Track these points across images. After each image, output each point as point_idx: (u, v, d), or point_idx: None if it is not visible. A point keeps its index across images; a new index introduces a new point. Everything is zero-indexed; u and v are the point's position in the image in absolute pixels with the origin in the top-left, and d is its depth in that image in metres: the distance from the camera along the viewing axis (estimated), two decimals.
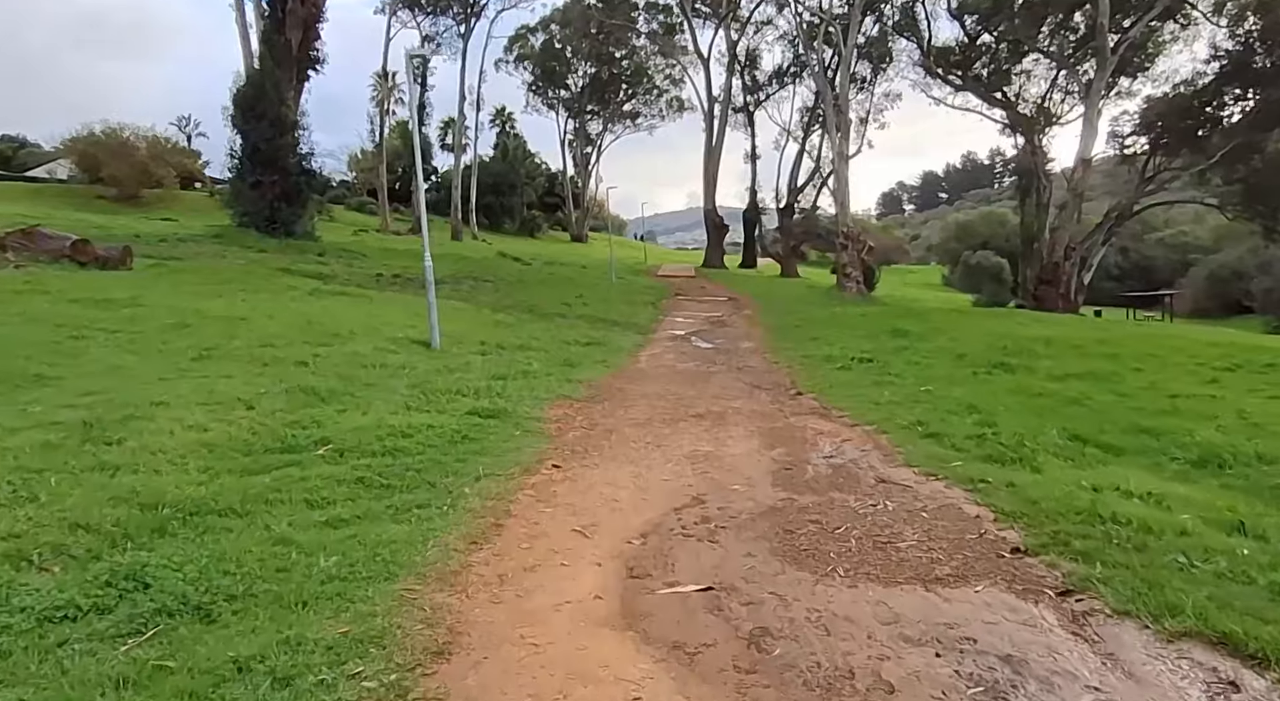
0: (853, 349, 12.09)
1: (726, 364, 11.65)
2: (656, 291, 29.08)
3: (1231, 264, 54.12)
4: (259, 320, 11.28)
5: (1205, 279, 55.67)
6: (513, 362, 10.29)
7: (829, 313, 20.58)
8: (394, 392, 7.78)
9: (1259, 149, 35.81)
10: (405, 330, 11.97)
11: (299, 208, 30.32)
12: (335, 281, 19.98)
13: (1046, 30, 40.02)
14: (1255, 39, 35.59)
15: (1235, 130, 35.77)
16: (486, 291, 22.44)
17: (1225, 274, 54.17)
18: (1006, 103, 42.18)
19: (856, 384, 9.00)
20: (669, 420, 7.31)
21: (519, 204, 70.23)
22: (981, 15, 40.85)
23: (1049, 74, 42.52)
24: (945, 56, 42.58)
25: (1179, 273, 63.36)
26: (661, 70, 64.33)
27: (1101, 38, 32.79)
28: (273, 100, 28.66)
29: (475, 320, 15.60)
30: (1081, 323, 18.81)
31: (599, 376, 10.16)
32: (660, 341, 15.69)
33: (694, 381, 9.88)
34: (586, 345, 13.80)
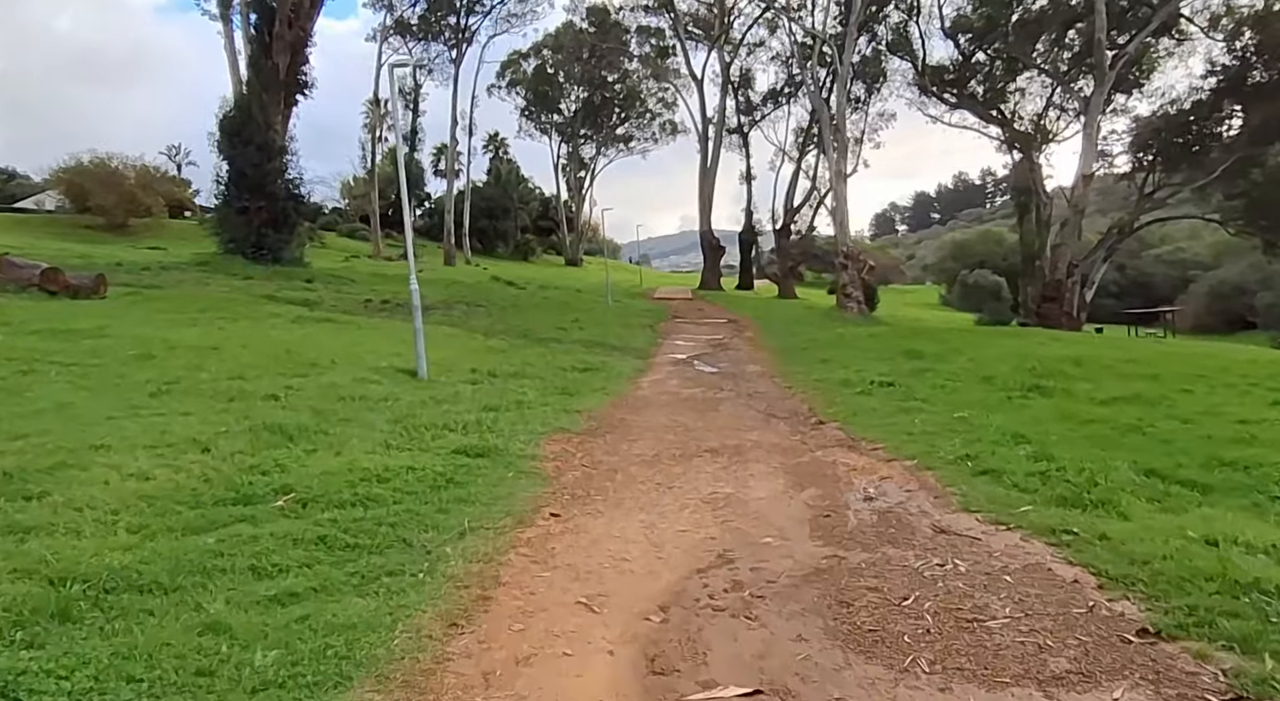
0: (869, 372, 11.32)
1: (735, 390, 10.87)
2: (654, 314, 28.37)
3: (1233, 280, 53.77)
4: (232, 350, 10.49)
5: (1206, 295, 55.27)
6: (505, 392, 9.50)
7: (834, 334, 19.85)
8: (372, 429, 6.98)
9: (1259, 163, 35.47)
10: (390, 358, 11.18)
11: (287, 233, 29.63)
12: (321, 308, 19.21)
13: (1041, 48, 39.89)
14: (1252, 53, 35.40)
15: (1235, 145, 35.44)
16: (479, 316, 21.69)
17: (1226, 290, 53.79)
18: (1003, 120, 41.93)
19: (881, 411, 8.23)
20: (680, 456, 6.52)
21: (513, 228, 69.81)
22: (975, 34, 40.74)
23: (1044, 92, 42.38)
24: (940, 75, 42.39)
25: (1178, 289, 63.02)
26: (654, 93, 64.31)
27: (1099, 53, 32.50)
28: (260, 125, 28.10)
29: (466, 347, 14.83)
30: (1102, 341, 18.11)
31: (599, 406, 9.38)
32: (661, 366, 14.92)
33: (702, 410, 9.09)
34: (584, 371, 13.03)
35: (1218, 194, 38.35)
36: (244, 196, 28.20)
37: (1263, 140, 34.83)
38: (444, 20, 52.28)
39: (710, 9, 47.19)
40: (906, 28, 41.81)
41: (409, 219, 10.80)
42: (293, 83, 29.58)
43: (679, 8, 47.09)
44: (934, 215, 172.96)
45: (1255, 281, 51.87)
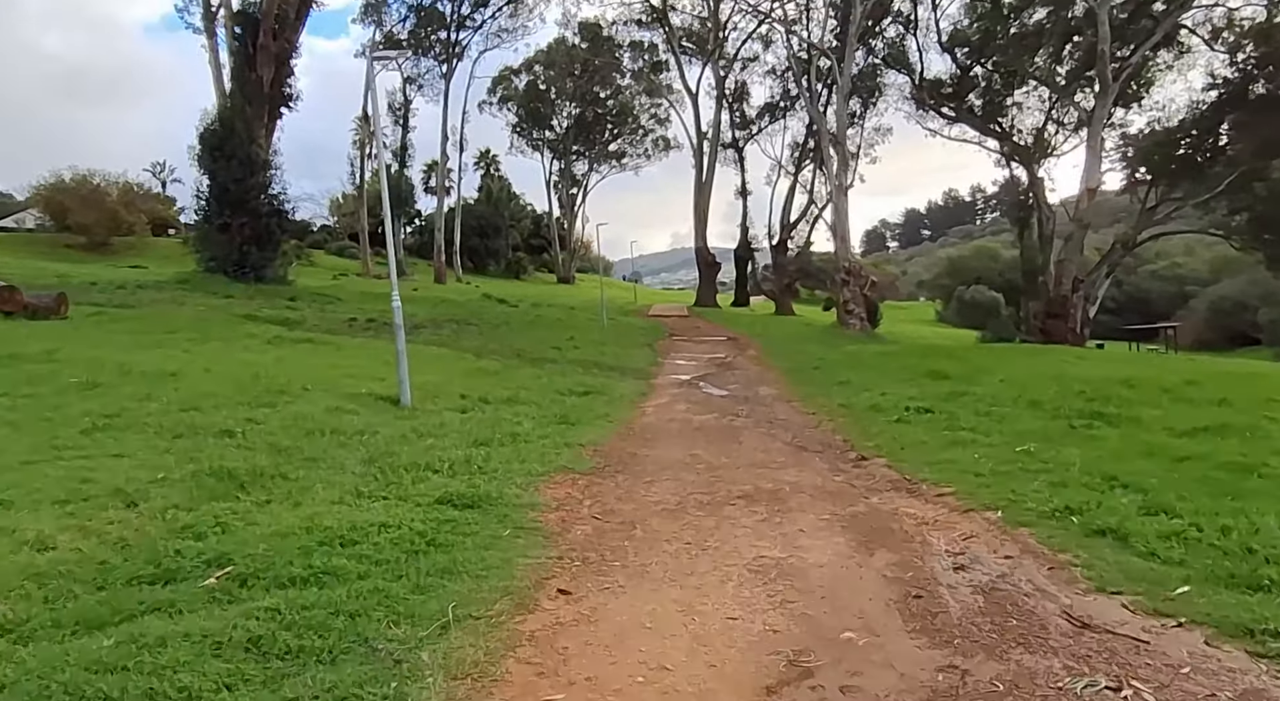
0: (896, 395, 10.32)
1: (753, 416, 9.84)
2: (651, 332, 27.38)
3: (1233, 295, 53.27)
4: (193, 375, 9.40)
5: (1207, 311, 54.73)
6: (498, 422, 8.43)
7: (843, 352, 18.87)
8: (342, 471, 5.92)
9: (1263, 177, 34.90)
10: (371, 383, 10.11)
11: (270, 251, 28.57)
12: (301, 327, 18.12)
13: (1040, 61, 39.39)
14: (1254, 66, 34.94)
15: (1239, 159, 34.87)
16: (470, 335, 20.63)
17: (1227, 306, 53.28)
18: (1003, 134, 41.35)
19: (930, 444, 7.20)
20: (708, 503, 5.47)
21: (504, 246, 68.90)
22: (972, 48, 40.25)
23: (1042, 106, 41.90)
24: (937, 88, 41.84)
25: (1176, 305, 62.56)
26: (647, 109, 63.78)
27: (1103, 64, 31.94)
28: (242, 139, 27.11)
29: (455, 368, 13.76)
30: (1139, 359, 17.18)
31: (604, 436, 8.32)
32: (665, 388, 13.88)
33: (721, 441, 8.05)
34: (583, 395, 11.98)
35: (1221, 208, 37.72)
36: (225, 213, 27.16)
37: (1266, 154, 34.26)
38: (434, 35, 51.61)
39: (704, 23, 46.65)
40: (904, 42, 41.34)
41: (390, 229, 9.77)
42: (277, 96, 28.65)
43: (673, 22, 46.54)
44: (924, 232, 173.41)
45: (1256, 297, 51.36)
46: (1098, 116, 33.69)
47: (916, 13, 38.98)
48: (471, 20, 51.60)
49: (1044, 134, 41.12)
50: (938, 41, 40.24)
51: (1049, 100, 40.68)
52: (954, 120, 42.03)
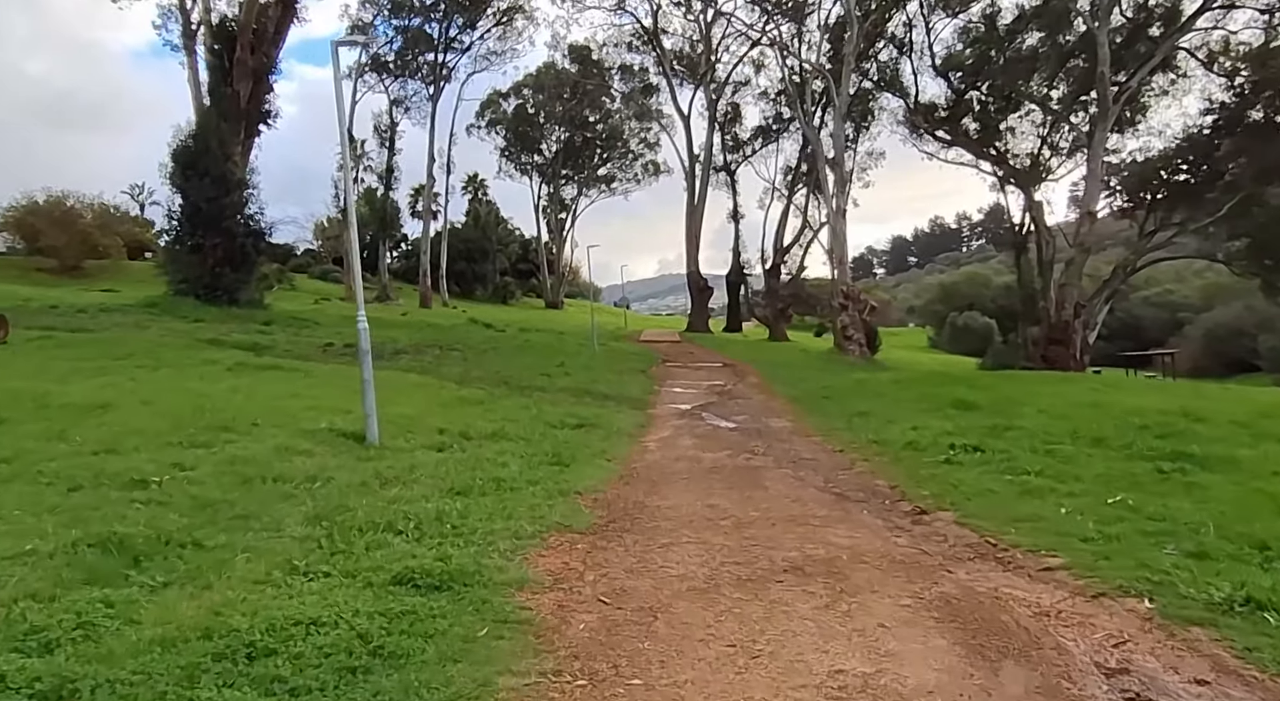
0: (931, 429, 9.15)
1: (771, 453, 8.64)
2: (644, 358, 26.18)
3: (1229, 322, 52.82)
4: (127, 408, 8.11)
5: (1203, 337, 54.22)
6: (480, 463, 7.18)
7: (851, 380, 17.73)
8: (278, 533, 4.66)
9: (1262, 202, 34.39)
10: (336, 417, 8.84)
11: (245, 273, 27.28)
12: (271, 353, 16.83)
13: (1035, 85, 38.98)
14: (1249, 90, 34.58)
15: (1239, 183, 34.33)
16: (453, 362, 19.38)
17: (1223, 332, 52.80)
18: (999, 157, 40.79)
19: (998, 492, 6.01)
20: (748, 579, 4.23)
21: (492, 270, 67.83)
22: (966, 72, 39.83)
23: (1036, 130, 41.49)
24: (931, 113, 41.34)
25: (1168, 331, 62.10)
26: (637, 133, 63.20)
27: (1103, 86, 31.45)
28: (217, 156, 25.93)
29: (435, 398, 12.49)
30: (1173, 388, 16.12)
31: (604, 480, 7.09)
32: (666, 419, 12.66)
33: (743, 486, 6.83)
34: (576, 428, 10.75)
35: (1221, 234, 37.18)
36: (198, 233, 25.91)
37: (1266, 179, 33.75)
38: (421, 57, 50.87)
39: (695, 46, 46.16)
40: (897, 65, 40.88)
41: (353, 245, 8.57)
42: (254, 112, 27.54)
43: (664, 45, 45.98)
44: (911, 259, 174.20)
45: (1252, 324, 50.92)
46: (1098, 139, 33.14)
47: (911, 36, 38.53)
48: (459, 42, 50.99)
49: (1040, 158, 40.65)
50: (931, 65, 39.79)
51: (1045, 124, 40.28)
52: (950, 143, 41.48)
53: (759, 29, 39.47)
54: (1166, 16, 33.68)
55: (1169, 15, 33.68)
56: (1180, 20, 32.74)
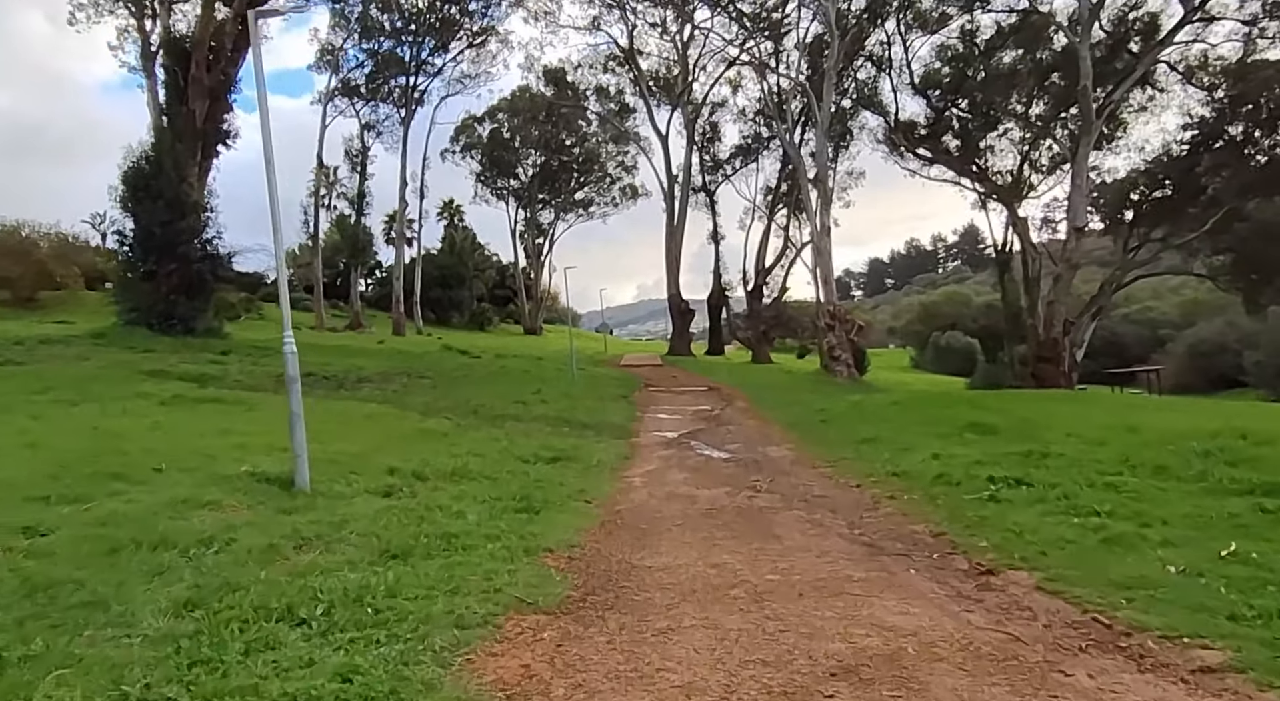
0: (955, 457, 8.00)
1: (777, 490, 7.42)
2: (625, 383, 24.94)
3: (1212, 338, 52.54)
4: (7, 451, 6.73)
5: (1186, 354, 53.88)
6: (430, 512, 5.90)
7: (846, 402, 16.59)
8: (126, 632, 3.35)
9: (1244, 216, 34.07)
10: (264, 457, 7.52)
11: (202, 301, 25.77)
12: (218, 384, 15.41)
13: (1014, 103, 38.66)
14: (1228, 105, 34.39)
15: (1221, 198, 33.99)
16: (421, 390, 18.03)
17: (1207, 348, 52.48)
18: (981, 174, 40.34)
19: (1066, 538, 4.81)
20: (784, 693, 2.98)
21: (468, 297, 66.44)
22: (945, 90, 39.49)
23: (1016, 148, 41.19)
24: (911, 131, 40.90)
25: (1150, 347, 61.89)
26: (614, 156, 62.45)
27: (1085, 101, 31.03)
28: (171, 178, 24.54)
29: (393, 431, 11.15)
30: (1196, 406, 15.10)
31: (580, 530, 5.83)
32: (652, 449, 11.42)
33: (751, 535, 5.60)
34: (551, 462, 9.48)
35: (1205, 249, 36.82)
36: (151, 259, 24.39)
37: (1249, 193, 33.43)
38: (392, 81, 49.85)
39: (671, 67, 45.55)
40: (876, 82, 40.44)
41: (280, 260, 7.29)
42: (211, 132, 26.22)
43: (641, 66, 45.31)
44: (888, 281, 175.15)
45: (1235, 339, 50.66)
46: (1081, 155, 32.67)
47: (890, 52, 38.10)
48: (431, 65, 50.07)
49: (1022, 174, 40.27)
50: (910, 83, 39.41)
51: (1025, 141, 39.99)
52: (931, 161, 41.02)
53: (737, 45, 38.86)
54: (1145, 30, 33.50)
55: (1147, 29, 33.49)
56: (1160, 34, 32.52)
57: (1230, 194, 33.61)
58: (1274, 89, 32.66)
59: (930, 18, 37.33)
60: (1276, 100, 33.05)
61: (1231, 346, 50.22)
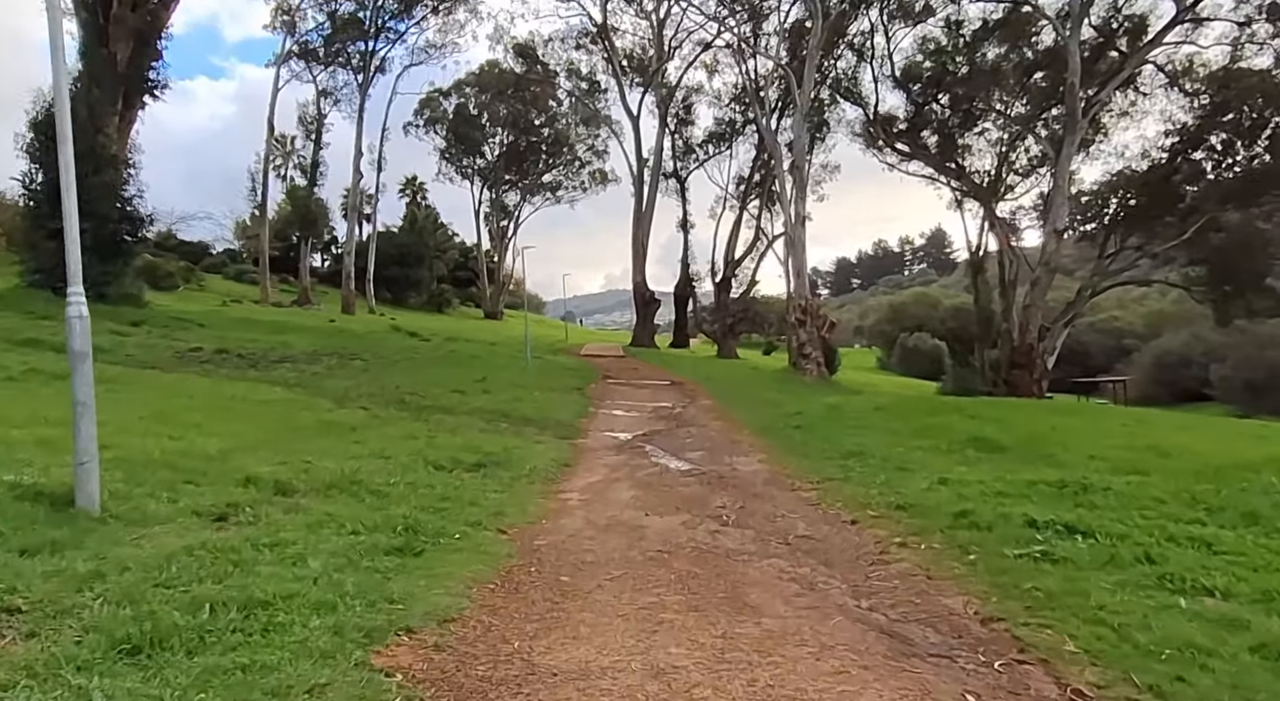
0: (972, 486, 6.39)
1: (750, 522, 5.71)
2: (582, 373, 23.13)
3: (1178, 350, 52.28)
4: None
5: (1151, 365, 53.58)
6: (257, 553, 4.09)
7: (821, 405, 15.01)
8: None
9: (1222, 227, 33.36)
10: (58, 458, 5.58)
11: (117, 265, 23.38)
12: (107, 358, 13.28)
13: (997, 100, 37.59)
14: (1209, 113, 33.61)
15: (1201, 207, 33.21)
16: (347, 374, 16.04)
17: (1172, 360, 52.20)
18: (959, 172, 39.21)
19: (1188, 637, 3.17)
20: None
21: (428, 277, 63.93)
22: (926, 83, 38.27)
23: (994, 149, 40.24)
24: (890, 124, 39.64)
25: (1114, 358, 61.74)
26: (584, 139, 60.34)
27: (1072, 98, 29.92)
28: (86, 127, 22.03)
29: (286, 423, 9.25)
30: (1218, 424, 13.78)
31: (469, 588, 4.06)
32: (599, 454, 9.67)
33: (716, 606, 3.87)
34: (473, 470, 7.69)
35: (1181, 258, 36.11)
36: (59, 216, 21.95)
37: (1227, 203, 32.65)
38: (351, 46, 47.15)
39: (646, 47, 43.66)
40: (857, 72, 39.03)
41: (68, 169, 5.35)
42: (135, 78, 23.74)
43: (615, 44, 43.29)
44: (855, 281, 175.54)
45: (1200, 353, 50.46)
46: (1065, 155, 31.59)
47: (872, 41, 36.69)
48: (392, 31, 47.53)
49: (1000, 174, 39.28)
50: (891, 75, 38.11)
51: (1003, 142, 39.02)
52: (909, 156, 39.79)
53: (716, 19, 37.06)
54: (1134, 30, 32.53)
55: (1136, 29, 32.53)
56: (1148, 34, 31.57)
57: (1209, 203, 32.83)
58: (1256, 98, 31.88)
59: (914, 7, 36.01)
60: (1259, 109, 32.31)
61: (1196, 359, 50.03)
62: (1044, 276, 32.23)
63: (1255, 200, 31.72)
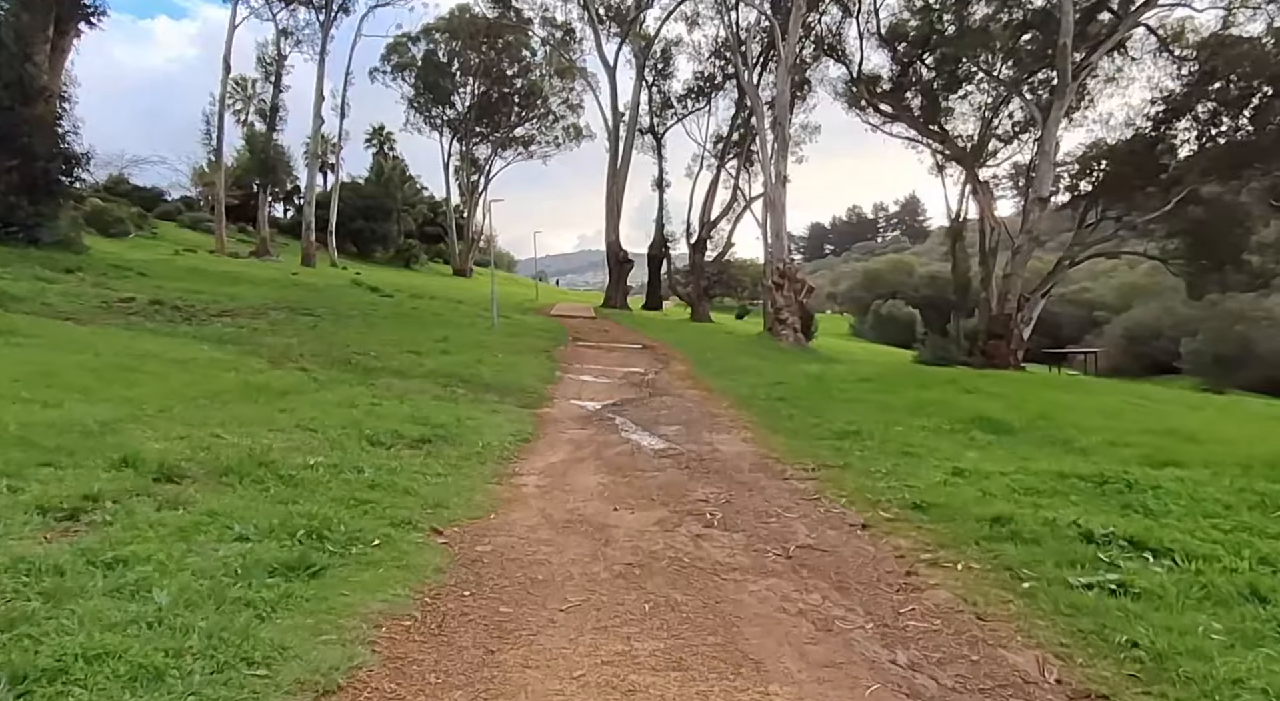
0: (994, 478, 5.49)
1: (739, 522, 4.74)
2: (550, 334, 22.01)
3: (1149, 322, 52.41)
4: None
5: (1122, 337, 53.71)
6: (91, 577, 3.02)
7: (803, 374, 14.10)
8: None
9: (1203, 200, 32.85)
10: None
11: (50, 206, 21.63)
12: (23, 307, 11.92)
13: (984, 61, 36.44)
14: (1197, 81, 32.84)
15: (1184, 178, 32.59)
16: (293, 330, 14.77)
17: (1142, 333, 52.36)
18: (943, 135, 38.21)
19: None
20: None
21: (395, 231, 61.90)
22: (912, 42, 37.03)
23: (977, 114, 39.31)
24: (874, 84, 38.43)
25: (1085, 329, 61.93)
26: (558, 92, 58.19)
27: (1063, 59, 28.91)
28: (13, 54, 20.20)
29: (204, 385, 8.06)
30: (1241, 406, 13.02)
31: (378, 622, 3.04)
32: (564, 427, 8.65)
33: (706, 655, 2.90)
34: (416, 446, 6.65)
35: (1160, 230, 35.63)
36: None
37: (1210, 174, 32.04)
38: None
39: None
40: (840, 28, 37.64)
41: None
42: (70, 3, 21.71)
43: None
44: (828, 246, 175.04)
45: (1169, 325, 50.65)
46: (1053, 119, 30.70)
47: None
48: None
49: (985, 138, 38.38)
50: (876, 32, 36.81)
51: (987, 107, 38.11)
52: (893, 117, 38.67)
53: None
54: None
55: None
56: None
57: (1193, 174, 32.21)
58: (1244, 66, 31.11)
59: None
60: (1246, 78, 31.58)
61: (1167, 332, 50.23)
62: (1026, 245, 31.55)
63: (1238, 173, 31.17)
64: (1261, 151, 30.13)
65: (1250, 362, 43.44)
